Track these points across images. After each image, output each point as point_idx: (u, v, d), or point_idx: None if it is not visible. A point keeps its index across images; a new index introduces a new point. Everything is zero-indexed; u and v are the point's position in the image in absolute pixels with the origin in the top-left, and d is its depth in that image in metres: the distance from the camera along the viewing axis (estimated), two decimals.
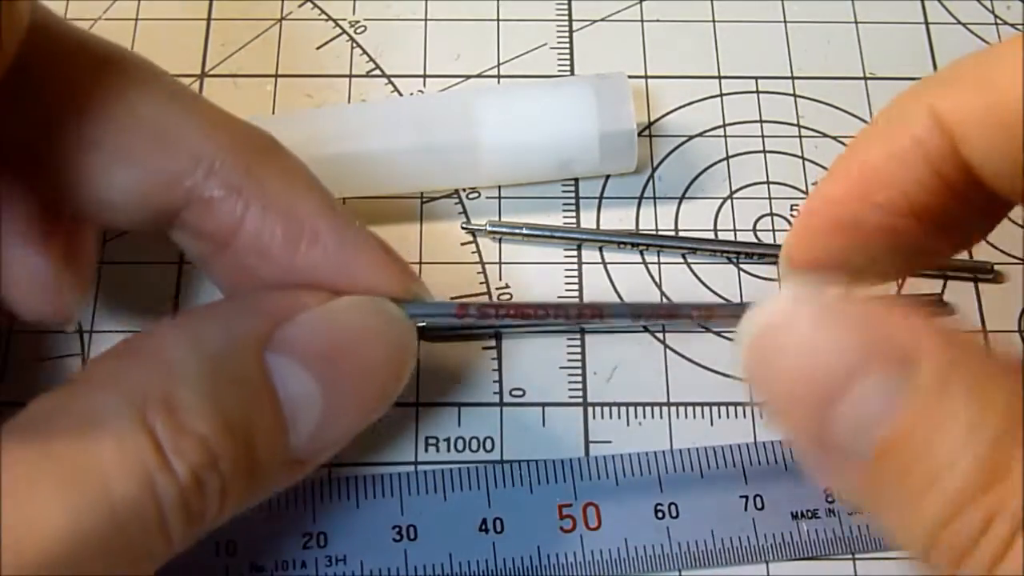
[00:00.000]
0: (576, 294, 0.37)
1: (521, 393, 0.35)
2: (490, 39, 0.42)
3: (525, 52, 0.42)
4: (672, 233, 0.38)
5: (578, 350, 0.36)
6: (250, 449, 0.26)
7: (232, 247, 0.28)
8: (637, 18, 0.42)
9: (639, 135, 0.38)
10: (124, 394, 0.24)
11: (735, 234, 0.38)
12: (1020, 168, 0.23)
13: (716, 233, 0.38)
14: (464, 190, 0.39)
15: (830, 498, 0.33)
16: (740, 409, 0.35)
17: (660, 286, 0.37)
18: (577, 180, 0.39)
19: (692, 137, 0.40)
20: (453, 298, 0.36)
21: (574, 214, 0.38)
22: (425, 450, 0.34)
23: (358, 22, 0.42)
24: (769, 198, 0.39)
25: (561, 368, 0.36)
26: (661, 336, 0.36)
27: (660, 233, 0.38)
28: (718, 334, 0.36)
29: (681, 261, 0.38)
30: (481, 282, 0.37)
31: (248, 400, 0.26)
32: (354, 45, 0.42)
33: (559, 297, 0.37)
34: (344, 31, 0.42)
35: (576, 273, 0.37)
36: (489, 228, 0.37)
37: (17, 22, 0.25)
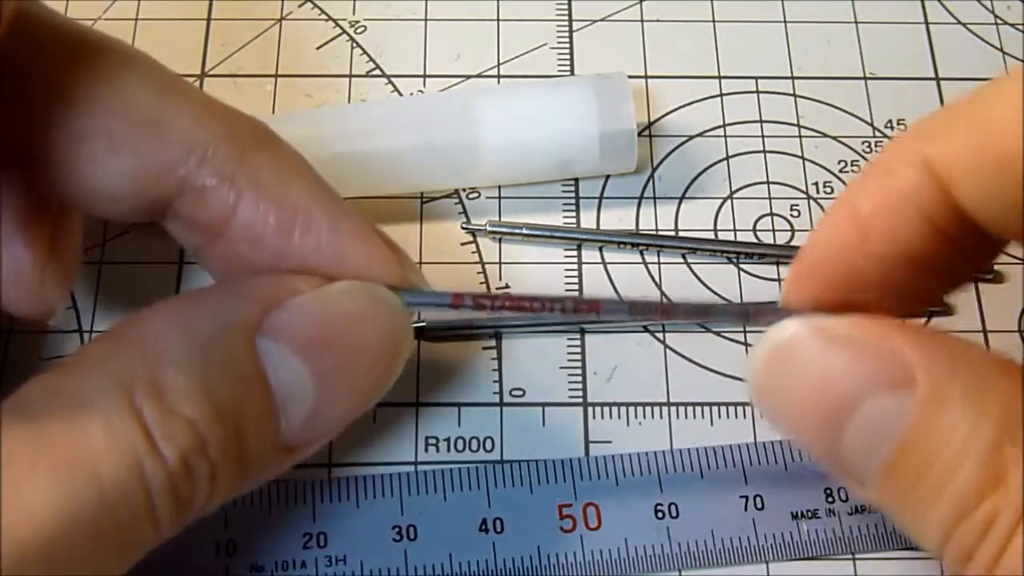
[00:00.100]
0: (576, 294, 0.37)
1: (521, 393, 0.35)
2: (490, 39, 0.42)
3: (525, 52, 0.42)
4: (672, 233, 0.38)
5: (578, 350, 0.36)
6: (240, 435, 0.25)
7: (226, 236, 0.28)
8: (637, 18, 0.42)
9: (639, 135, 0.38)
10: (112, 377, 0.24)
11: (735, 234, 0.38)
12: (1014, 209, 0.23)
13: (716, 233, 0.38)
14: (464, 190, 0.39)
15: (830, 498, 0.33)
16: (740, 409, 0.35)
17: (660, 286, 0.37)
18: (577, 180, 0.39)
19: (692, 137, 0.40)
20: None
21: (574, 214, 0.38)
22: (425, 450, 0.34)
23: (358, 22, 0.42)
24: (769, 198, 0.39)
25: (561, 368, 0.36)
26: (661, 336, 0.36)
27: (660, 233, 0.38)
28: (718, 334, 0.36)
29: (681, 261, 0.38)
30: (481, 282, 0.37)
31: (238, 385, 0.26)
32: (354, 45, 0.42)
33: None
34: (344, 31, 0.42)
35: (576, 273, 0.37)
36: (489, 228, 0.37)
37: (1, 11, 0.24)
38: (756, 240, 0.38)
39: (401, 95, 0.41)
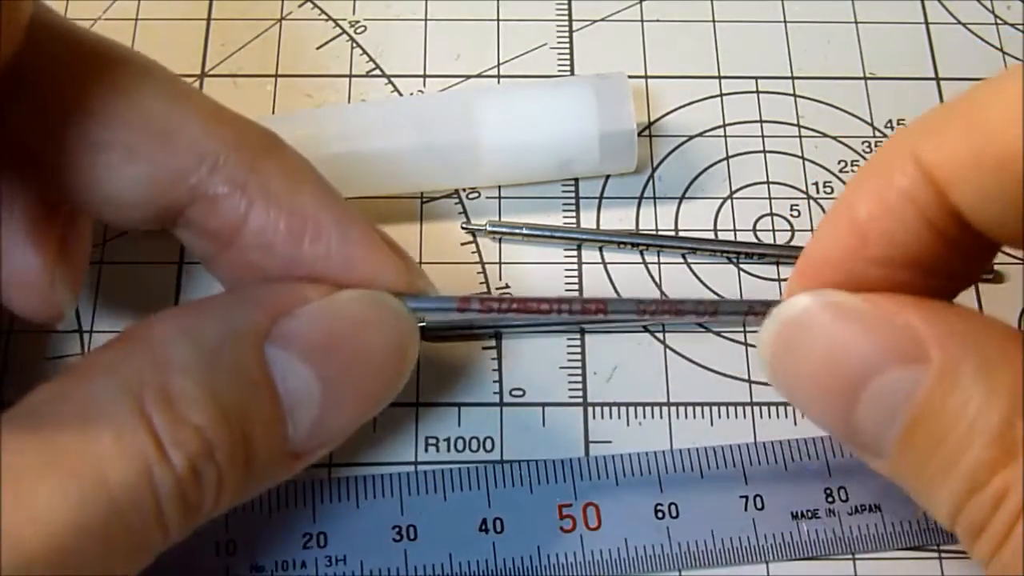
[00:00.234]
0: (576, 294, 0.37)
1: (521, 393, 0.35)
2: (490, 39, 0.42)
3: (525, 52, 0.42)
4: (672, 233, 0.38)
5: (578, 350, 0.36)
6: (247, 441, 0.26)
7: (237, 243, 0.28)
8: (637, 18, 0.42)
9: (639, 135, 0.39)
10: (122, 383, 0.24)
11: (735, 234, 0.38)
12: (1014, 210, 0.23)
13: (716, 233, 0.38)
14: (464, 190, 0.39)
15: (830, 498, 0.33)
16: (740, 409, 0.35)
17: (660, 286, 0.37)
18: (577, 180, 0.39)
19: (692, 137, 0.40)
20: None
21: (574, 214, 0.38)
22: (425, 450, 0.34)
23: (358, 22, 0.42)
24: (769, 198, 0.39)
25: (561, 368, 0.36)
26: (661, 336, 0.36)
27: (660, 233, 0.38)
28: (718, 334, 0.36)
29: (681, 261, 0.38)
30: (481, 282, 0.37)
31: (246, 392, 0.26)
32: (354, 45, 0.42)
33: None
34: (344, 31, 0.42)
35: (576, 273, 0.37)
36: (489, 228, 0.37)
37: (17, 19, 0.25)
38: (756, 240, 0.38)
39: (401, 95, 0.41)
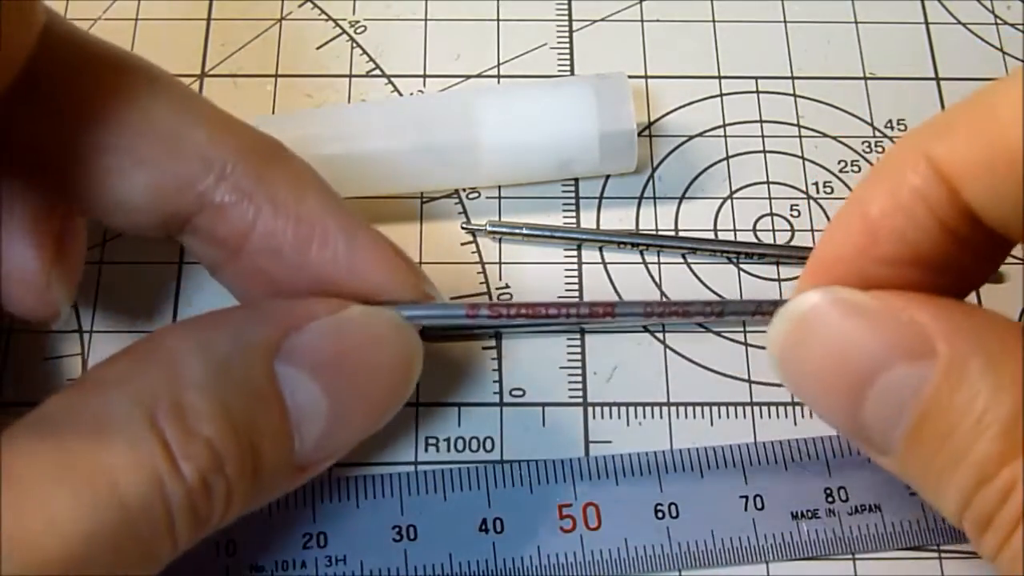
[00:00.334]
0: (576, 294, 0.37)
1: (521, 393, 0.35)
2: (490, 39, 0.42)
3: (525, 52, 0.42)
4: (672, 233, 0.38)
5: (578, 350, 0.36)
6: (256, 454, 0.26)
7: (244, 251, 0.28)
8: (637, 18, 0.42)
9: (639, 135, 0.39)
10: (134, 396, 0.25)
11: (735, 234, 0.38)
12: None
13: (716, 233, 0.38)
14: (464, 190, 0.39)
15: (830, 498, 0.33)
16: (740, 409, 0.35)
17: (660, 286, 0.37)
18: (577, 180, 0.39)
19: (692, 137, 0.40)
20: (454, 298, 0.36)
21: (574, 214, 0.38)
22: (425, 450, 0.34)
23: (358, 22, 0.42)
24: (769, 198, 0.39)
25: (561, 368, 0.36)
26: (661, 336, 0.36)
27: (660, 233, 0.38)
28: (718, 334, 0.36)
29: (681, 261, 0.38)
30: (481, 282, 0.37)
31: (255, 406, 0.26)
32: (354, 45, 0.42)
33: (559, 297, 0.37)
34: (344, 31, 0.42)
35: (576, 273, 0.37)
36: (489, 228, 0.37)
37: (30, 26, 0.25)
38: (756, 240, 0.38)
39: (401, 95, 0.41)
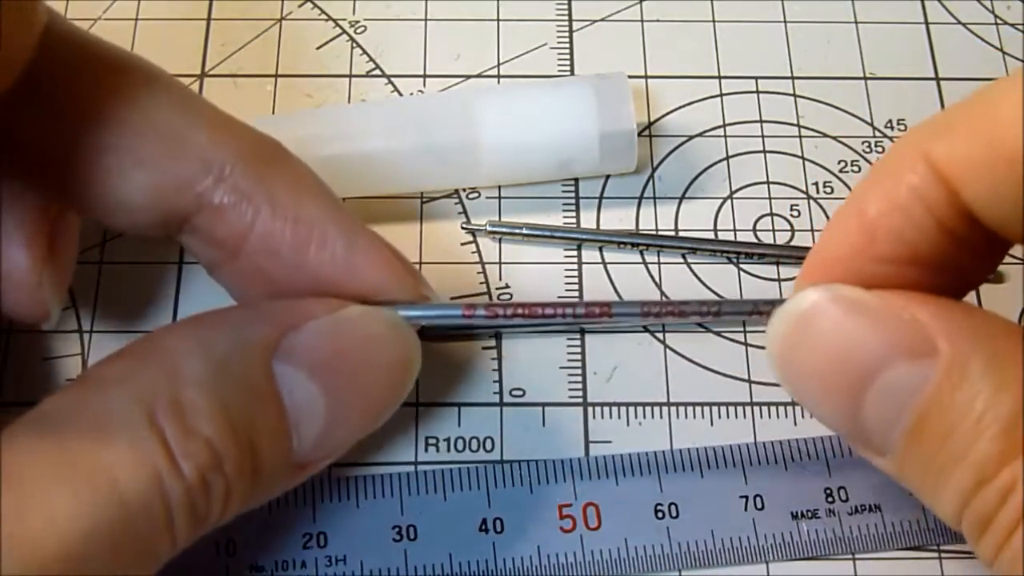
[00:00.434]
0: (576, 294, 0.37)
1: (521, 393, 0.35)
2: (490, 39, 0.42)
3: (525, 52, 0.42)
4: (672, 233, 0.38)
5: (578, 350, 0.36)
6: (254, 453, 0.26)
7: (242, 252, 0.29)
8: (637, 18, 0.42)
9: (639, 135, 0.39)
10: (134, 394, 0.25)
11: (735, 234, 0.38)
12: None
13: (716, 233, 0.38)
14: (464, 190, 0.39)
15: (830, 498, 0.33)
16: (740, 409, 0.35)
17: (660, 286, 0.37)
18: (577, 180, 0.39)
19: (692, 137, 0.40)
20: (454, 298, 0.36)
21: (574, 214, 0.38)
22: (425, 450, 0.34)
23: (358, 22, 0.42)
24: (769, 198, 0.39)
25: (561, 368, 0.36)
26: (661, 336, 0.36)
27: (660, 233, 0.38)
28: (718, 334, 0.36)
29: (681, 261, 0.38)
30: (481, 282, 0.37)
31: (253, 405, 0.26)
32: (354, 45, 0.42)
33: (559, 297, 0.37)
34: (344, 31, 0.42)
35: (576, 273, 0.37)
36: (489, 228, 0.37)
37: (32, 26, 0.25)
38: (756, 240, 0.38)
39: (401, 95, 0.41)
